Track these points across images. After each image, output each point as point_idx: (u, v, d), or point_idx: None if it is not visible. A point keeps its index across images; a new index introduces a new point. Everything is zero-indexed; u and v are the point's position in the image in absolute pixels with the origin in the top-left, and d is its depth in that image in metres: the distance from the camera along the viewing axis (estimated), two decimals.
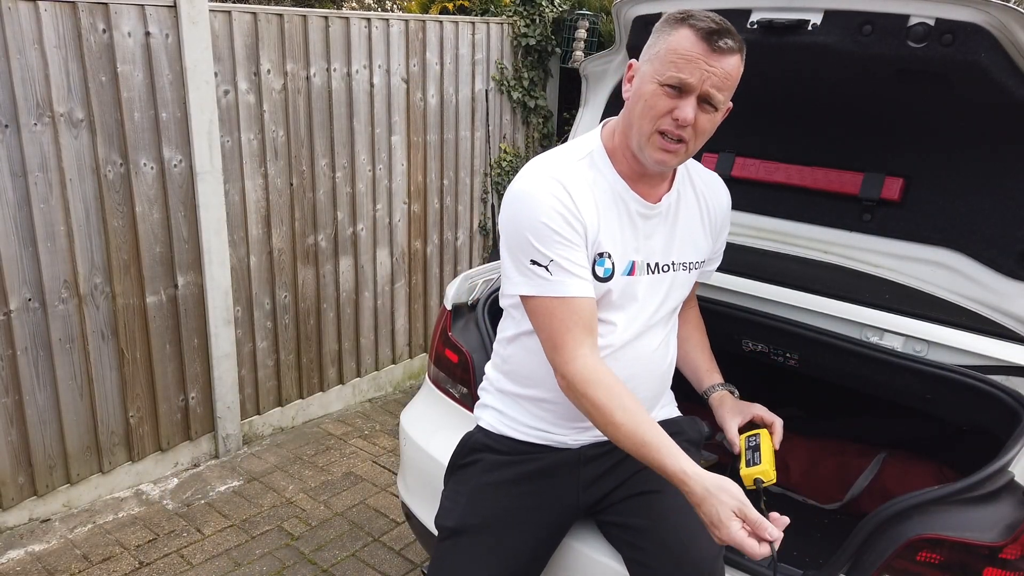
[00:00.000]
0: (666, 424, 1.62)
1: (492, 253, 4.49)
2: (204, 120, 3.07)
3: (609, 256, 1.56)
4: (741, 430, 1.74)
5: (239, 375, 3.47)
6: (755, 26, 1.96)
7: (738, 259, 2.13)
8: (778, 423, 1.72)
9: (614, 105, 2.39)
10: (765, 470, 1.61)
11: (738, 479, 1.52)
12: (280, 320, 3.60)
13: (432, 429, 2.12)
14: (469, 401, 2.00)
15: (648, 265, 1.62)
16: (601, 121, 1.68)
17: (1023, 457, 1.47)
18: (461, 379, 2.07)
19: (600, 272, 1.55)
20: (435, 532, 1.72)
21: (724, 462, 1.94)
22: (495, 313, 1.97)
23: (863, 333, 1.94)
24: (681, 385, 1.90)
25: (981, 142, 1.95)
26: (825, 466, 2.21)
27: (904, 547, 1.42)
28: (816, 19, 1.88)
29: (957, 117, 1.93)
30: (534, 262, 1.49)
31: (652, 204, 1.60)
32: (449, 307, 2.17)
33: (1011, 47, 1.68)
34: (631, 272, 1.59)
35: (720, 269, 1.90)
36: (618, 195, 1.57)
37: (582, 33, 4.42)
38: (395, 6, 8.67)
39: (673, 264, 1.65)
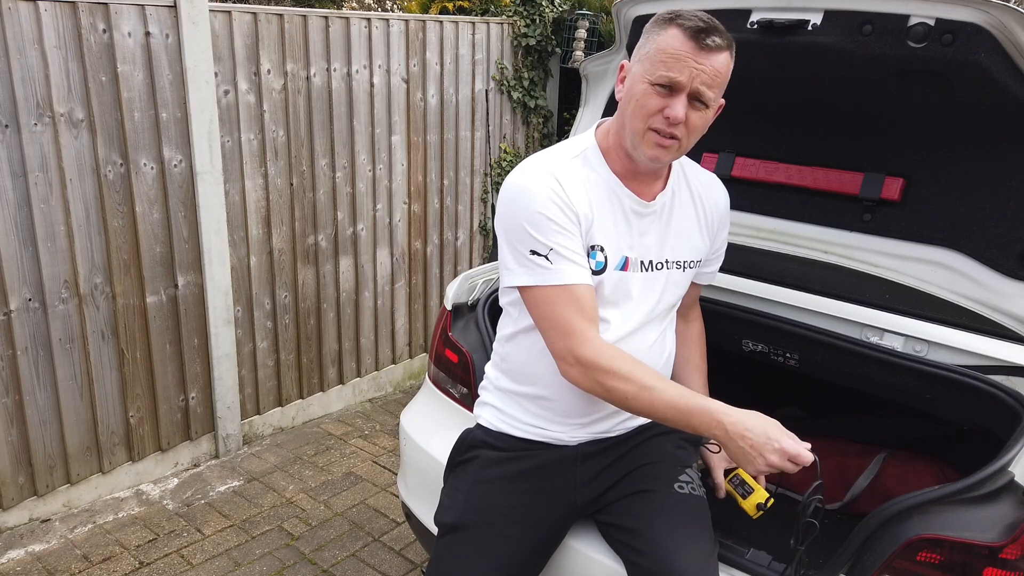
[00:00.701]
0: None
1: (492, 253, 4.48)
2: (204, 120, 3.07)
3: (602, 249, 1.57)
4: (725, 473, 1.82)
5: (239, 375, 3.47)
6: (755, 26, 1.96)
7: (738, 259, 2.14)
8: (761, 476, 1.73)
9: (614, 105, 2.39)
10: (762, 495, 1.67)
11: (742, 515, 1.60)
12: (280, 320, 3.60)
13: (432, 429, 2.12)
14: (469, 401, 2.00)
15: (642, 262, 1.62)
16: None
17: (1023, 457, 1.47)
18: (461, 379, 2.07)
19: (592, 265, 1.56)
20: (435, 531, 1.73)
21: None
22: (495, 313, 1.97)
23: (863, 333, 1.94)
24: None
25: (981, 142, 1.95)
26: (825, 466, 2.21)
27: (904, 547, 1.42)
28: (816, 19, 1.88)
29: (957, 117, 1.93)
30: (534, 252, 1.50)
31: (647, 202, 1.61)
32: (449, 307, 2.17)
33: (1011, 47, 1.68)
34: (624, 267, 1.60)
35: (720, 269, 1.90)
36: (612, 192, 1.58)
37: (582, 33, 4.42)
38: (395, 6, 8.67)
39: (667, 262, 1.66)
